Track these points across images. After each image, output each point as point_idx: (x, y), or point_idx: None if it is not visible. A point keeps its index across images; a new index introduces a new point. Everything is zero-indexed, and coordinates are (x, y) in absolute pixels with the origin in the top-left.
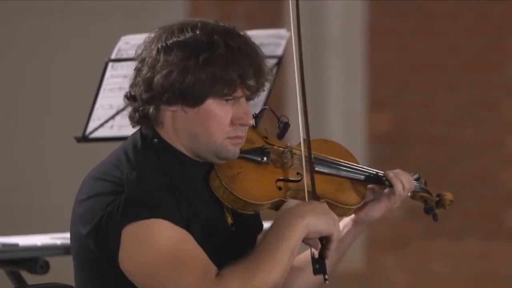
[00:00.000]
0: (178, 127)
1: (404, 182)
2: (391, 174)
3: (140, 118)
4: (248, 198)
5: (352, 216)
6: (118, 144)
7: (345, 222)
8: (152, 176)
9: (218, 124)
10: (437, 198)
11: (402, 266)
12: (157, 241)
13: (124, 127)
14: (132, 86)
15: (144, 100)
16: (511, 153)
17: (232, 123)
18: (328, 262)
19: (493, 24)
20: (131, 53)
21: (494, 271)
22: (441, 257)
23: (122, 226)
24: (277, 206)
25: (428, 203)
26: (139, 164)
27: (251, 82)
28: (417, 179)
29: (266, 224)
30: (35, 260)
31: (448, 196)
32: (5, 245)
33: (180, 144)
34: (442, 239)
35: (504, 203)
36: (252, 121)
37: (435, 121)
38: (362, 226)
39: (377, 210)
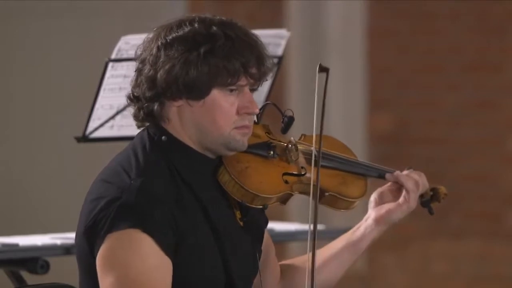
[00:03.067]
0: (185, 121)
1: (415, 178)
2: (398, 173)
3: (145, 116)
4: (258, 192)
5: (374, 217)
6: (119, 144)
7: (368, 223)
8: (156, 188)
9: (224, 115)
10: (431, 192)
11: (402, 266)
12: (131, 257)
13: (124, 127)
14: (134, 87)
15: (148, 98)
16: (511, 153)
17: (238, 112)
18: (343, 263)
19: (493, 24)
20: (131, 53)
21: (494, 271)
22: (441, 257)
23: (108, 231)
24: (284, 199)
25: (425, 197)
26: (147, 171)
27: (254, 70)
28: None
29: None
30: (35, 260)
31: (442, 189)
32: (5, 245)
33: (189, 138)
34: (442, 239)
35: (504, 203)
36: (257, 110)
37: (435, 121)
38: (384, 227)
39: (398, 211)
